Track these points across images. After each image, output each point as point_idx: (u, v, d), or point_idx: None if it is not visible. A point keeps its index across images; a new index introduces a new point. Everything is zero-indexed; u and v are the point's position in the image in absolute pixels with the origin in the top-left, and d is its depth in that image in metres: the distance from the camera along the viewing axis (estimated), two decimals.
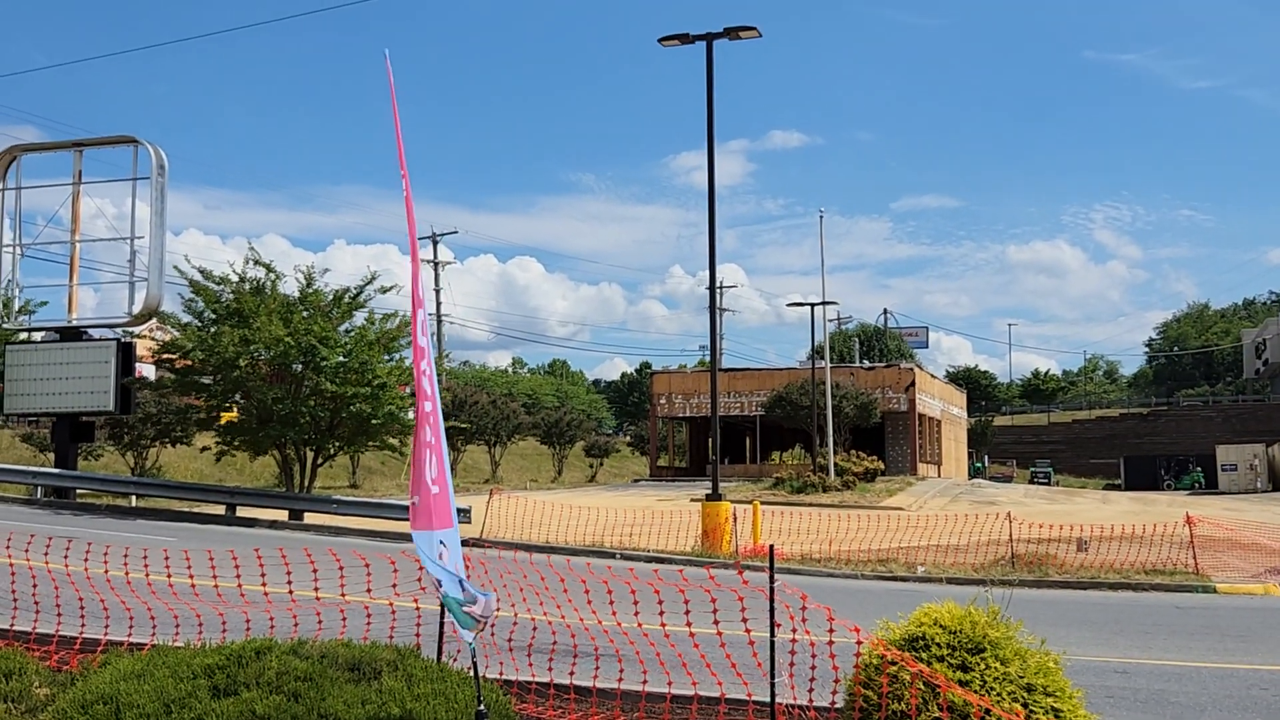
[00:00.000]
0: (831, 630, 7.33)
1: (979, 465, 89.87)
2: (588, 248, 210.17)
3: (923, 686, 6.53)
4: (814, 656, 7.69)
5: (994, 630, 6.86)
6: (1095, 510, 44.70)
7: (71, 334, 31.94)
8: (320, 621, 9.11)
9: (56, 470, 31.72)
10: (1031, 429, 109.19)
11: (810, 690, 7.78)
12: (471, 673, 6.80)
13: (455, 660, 7.95)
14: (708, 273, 28.18)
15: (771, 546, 7.98)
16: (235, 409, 31.77)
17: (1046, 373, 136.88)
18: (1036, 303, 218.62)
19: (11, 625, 10.08)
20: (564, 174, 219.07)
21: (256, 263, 31.38)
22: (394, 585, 9.08)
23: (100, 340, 31.87)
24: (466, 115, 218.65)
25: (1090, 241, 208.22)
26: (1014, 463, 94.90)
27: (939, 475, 68.35)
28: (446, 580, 6.43)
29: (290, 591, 10.02)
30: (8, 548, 10.91)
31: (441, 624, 8.13)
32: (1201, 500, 54.36)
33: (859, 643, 6.98)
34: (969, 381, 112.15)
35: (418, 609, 9.15)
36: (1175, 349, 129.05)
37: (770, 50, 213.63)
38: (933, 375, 78.32)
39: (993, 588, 8.85)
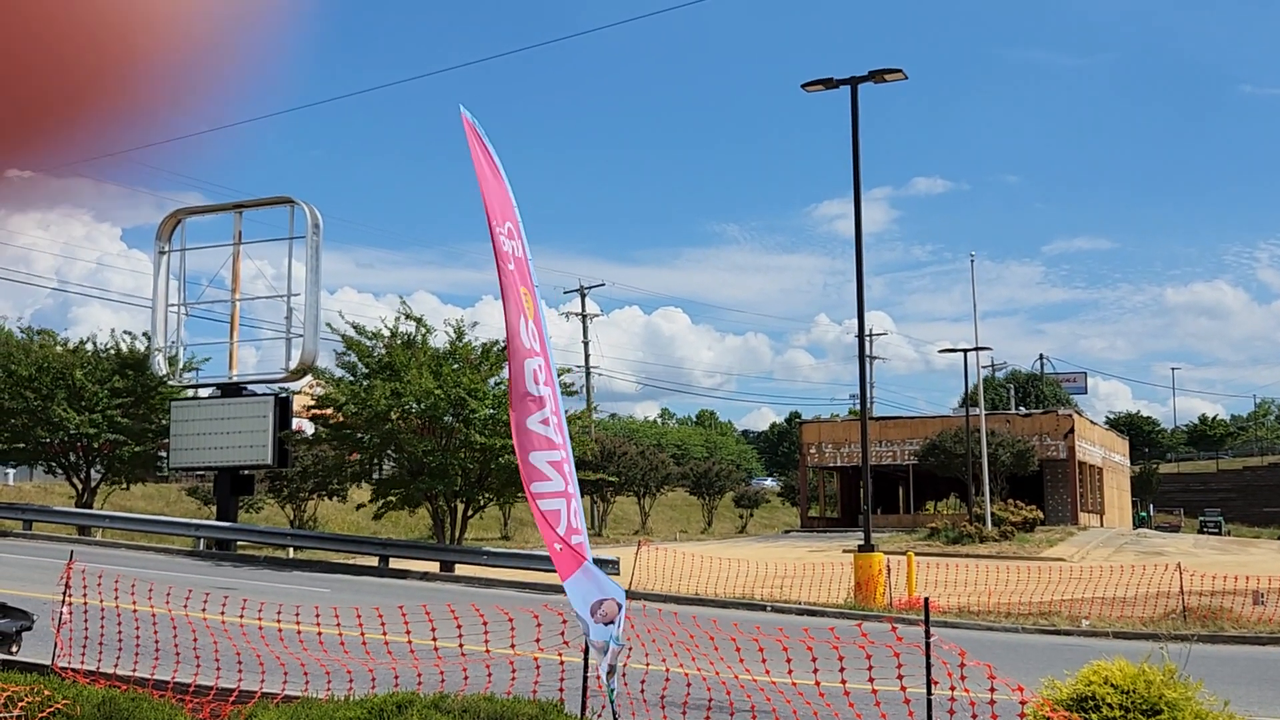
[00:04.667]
0: (993, 690, 6.95)
1: (1144, 514, 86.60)
2: (733, 298, 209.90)
3: None
4: (974, 716, 7.31)
5: (1171, 690, 6.42)
6: (1272, 561, 42.49)
7: (232, 390, 32.86)
8: (466, 675, 9.03)
9: (218, 523, 32.55)
10: (1199, 476, 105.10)
11: None
12: None
13: (600, 716, 7.77)
14: (855, 321, 27.77)
15: (926, 600, 7.66)
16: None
17: (1214, 418, 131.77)
18: (1198, 346, 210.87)
19: (173, 677, 10.23)
20: (708, 225, 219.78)
21: (408, 317, 31.99)
22: (538, 640, 8.96)
23: (259, 395, 32.70)
24: (611, 170, 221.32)
25: (1254, 282, 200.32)
26: (1181, 511, 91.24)
27: (1101, 525, 66.04)
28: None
29: (435, 645, 9.98)
30: (167, 601, 11.11)
31: (585, 678, 7.97)
32: None
33: (1023, 702, 6.60)
34: (1130, 428, 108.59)
35: (561, 663, 9.01)
36: None
37: (909, 97, 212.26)
38: (1092, 421, 75.91)
39: (1166, 643, 8.35)
